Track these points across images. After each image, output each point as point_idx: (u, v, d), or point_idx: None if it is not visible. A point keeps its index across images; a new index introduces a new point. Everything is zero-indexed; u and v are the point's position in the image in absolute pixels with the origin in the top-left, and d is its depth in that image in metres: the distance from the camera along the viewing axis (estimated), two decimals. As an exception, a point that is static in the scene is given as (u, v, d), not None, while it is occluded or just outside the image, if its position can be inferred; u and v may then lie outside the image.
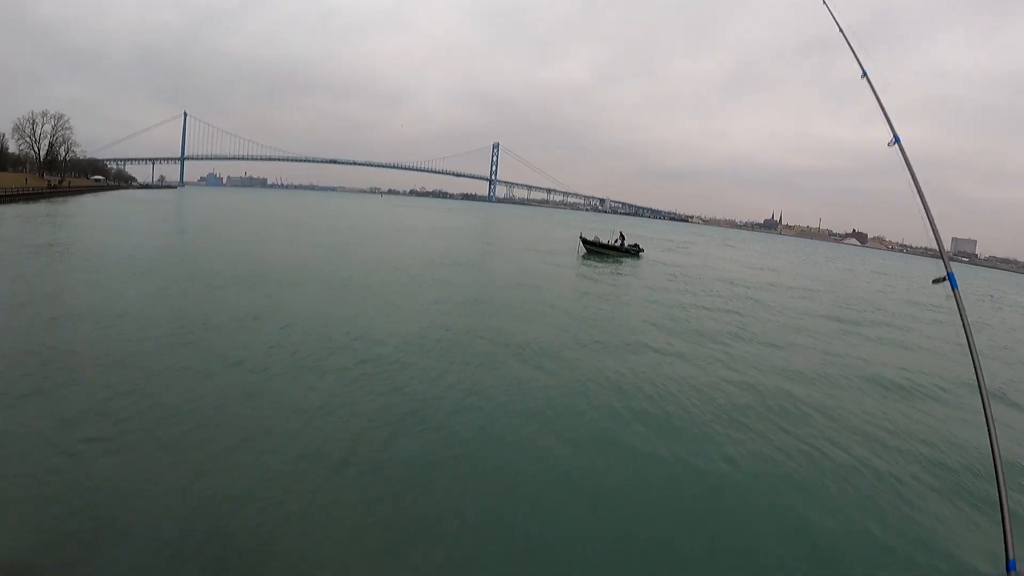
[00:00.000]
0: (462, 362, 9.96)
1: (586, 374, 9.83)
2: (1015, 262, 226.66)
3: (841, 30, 4.15)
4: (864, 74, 3.88)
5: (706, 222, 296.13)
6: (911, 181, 3.28)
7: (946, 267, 2.89)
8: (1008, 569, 2.18)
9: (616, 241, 34.38)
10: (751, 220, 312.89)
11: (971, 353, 2.62)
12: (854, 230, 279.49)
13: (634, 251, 34.77)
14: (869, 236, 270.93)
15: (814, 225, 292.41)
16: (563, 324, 13.93)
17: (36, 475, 5.32)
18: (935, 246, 2.96)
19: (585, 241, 33.75)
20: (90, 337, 9.57)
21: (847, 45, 4.04)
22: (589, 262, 30.07)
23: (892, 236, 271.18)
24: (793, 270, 44.01)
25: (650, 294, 20.66)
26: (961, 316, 2.75)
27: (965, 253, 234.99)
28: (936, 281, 2.94)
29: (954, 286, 2.88)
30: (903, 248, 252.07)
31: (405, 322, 12.62)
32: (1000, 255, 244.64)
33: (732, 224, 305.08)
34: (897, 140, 3.46)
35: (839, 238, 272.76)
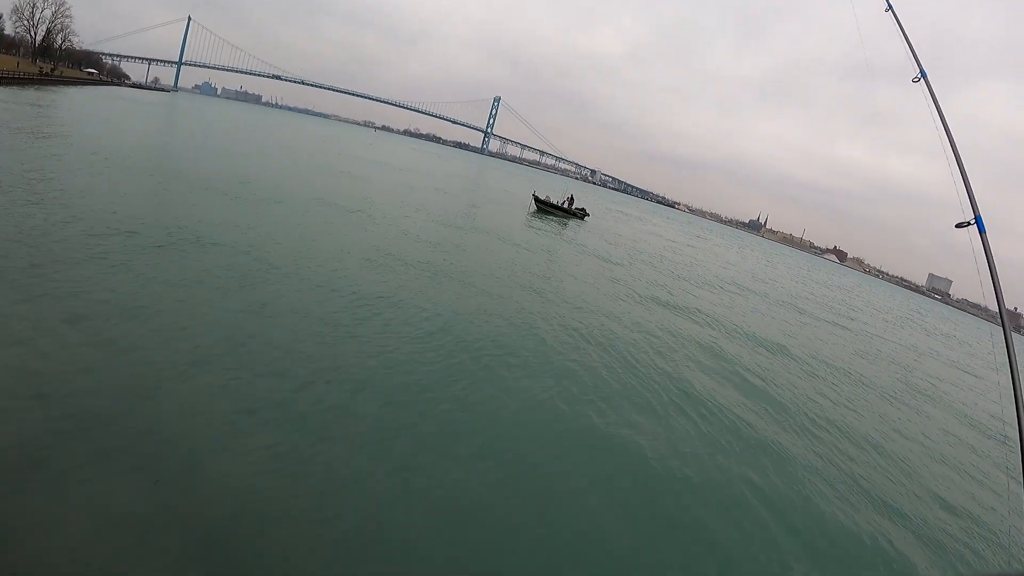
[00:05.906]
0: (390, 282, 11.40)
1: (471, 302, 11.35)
2: (985, 309, 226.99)
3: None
4: (889, 7, 3.75)
5: (692, 211, 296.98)
6: (937, 119, 3.02)
7: (974, 209, 2.58)
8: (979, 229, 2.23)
9: (562, 202, 38.24)
10: (736, 218, 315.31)
11: (996, 295, 2.55)
12: (835, 247, 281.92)
13: (580, 214, 38.85)
14: (849, 255, 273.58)
15: (797, 234, 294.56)
16: (479, 258, 16.46)
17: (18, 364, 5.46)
18: (912, 278, 2.85)
19: (537, 199, 37.32)
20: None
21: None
22: (537, 218, 33.28)
23: (872, 260, 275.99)
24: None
25: (568, 251, 23.20)
26: (989, 262, 2.53)
27: (939, 291, 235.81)
28: (959, 225, 2.57)
29: (981, 229, 2.55)
30: (880, 274, 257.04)
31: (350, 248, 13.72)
32: (972, 299, 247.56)
33: (717, 218, 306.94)
34: (924, 75, 3.21)
35: (819, 252, 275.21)
